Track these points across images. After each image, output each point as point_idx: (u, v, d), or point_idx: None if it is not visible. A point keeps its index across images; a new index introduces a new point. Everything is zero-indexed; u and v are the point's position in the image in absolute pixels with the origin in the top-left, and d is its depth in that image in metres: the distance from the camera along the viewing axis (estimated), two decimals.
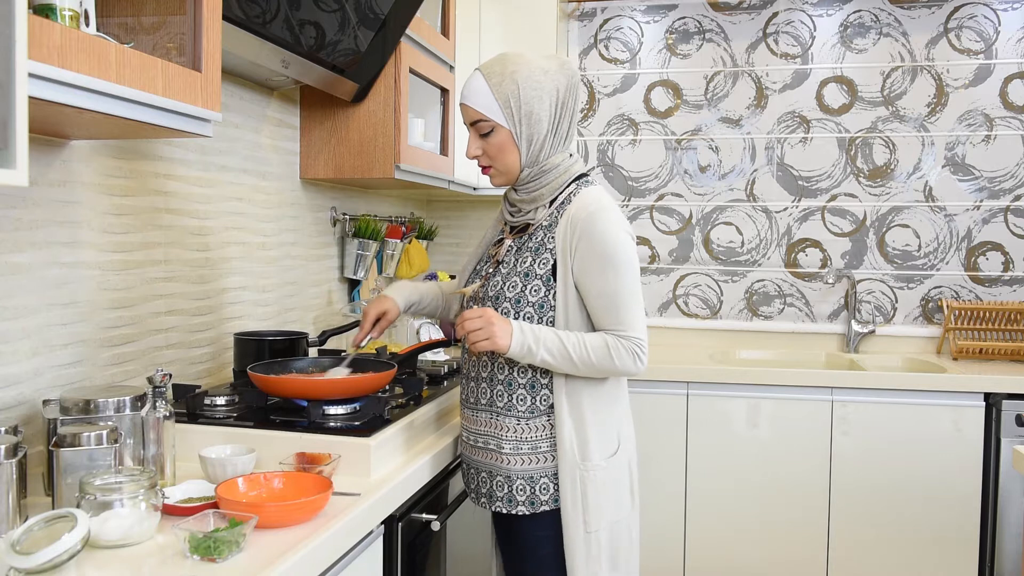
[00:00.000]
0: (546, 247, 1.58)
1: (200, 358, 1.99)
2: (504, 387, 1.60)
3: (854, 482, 2.82)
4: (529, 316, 1.56)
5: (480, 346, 1.50)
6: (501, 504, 1.61)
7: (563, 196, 1.61)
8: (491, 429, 1.62)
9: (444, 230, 3.64)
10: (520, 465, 1.59)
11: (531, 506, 1.59)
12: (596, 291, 1.53)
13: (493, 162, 1.61)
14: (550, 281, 1.56)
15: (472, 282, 1.69)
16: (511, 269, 1.60)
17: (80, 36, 1.08)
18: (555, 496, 1.59)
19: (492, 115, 1.56)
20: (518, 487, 1.59)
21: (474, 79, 1.59)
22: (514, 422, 1.59)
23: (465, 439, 1.70)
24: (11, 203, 1.42)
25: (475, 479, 1.67)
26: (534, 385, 1.59)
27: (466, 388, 1.69)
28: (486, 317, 1.50)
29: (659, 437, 2.92)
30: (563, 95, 1.58)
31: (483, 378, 1.64)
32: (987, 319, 3.19)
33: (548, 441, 1.59)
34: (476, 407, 1.65)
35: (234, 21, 1.60)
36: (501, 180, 1.64)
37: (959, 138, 3.26)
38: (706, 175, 3.47)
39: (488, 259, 1.70)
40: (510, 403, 1.60)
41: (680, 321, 3.49)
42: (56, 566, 1.03)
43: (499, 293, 1.59)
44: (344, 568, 1.31)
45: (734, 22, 3.42)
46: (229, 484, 1.31)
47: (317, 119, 2.41)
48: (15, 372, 1.43)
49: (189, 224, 1.93)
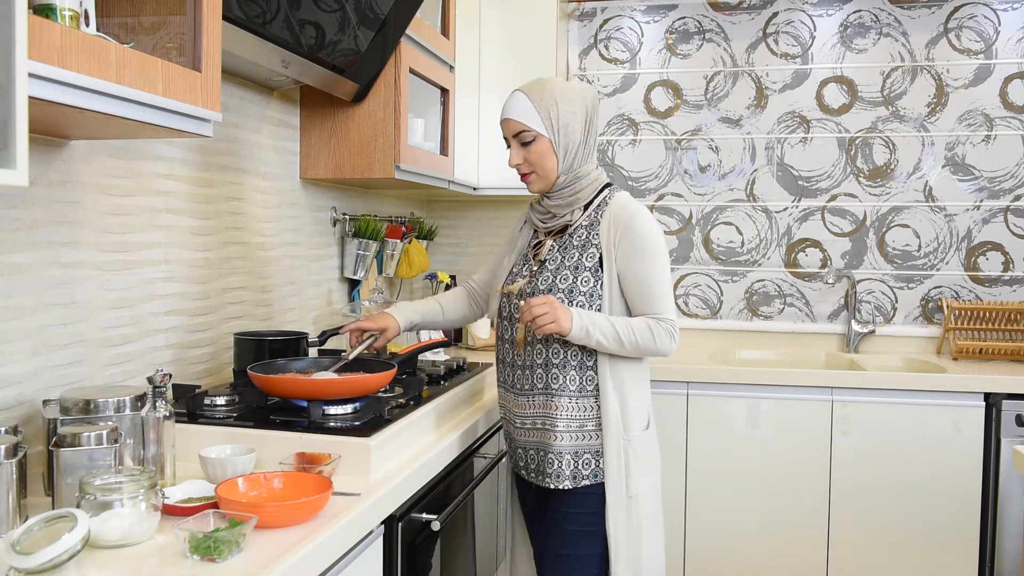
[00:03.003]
0: (591, 243, 1.78)
1: (200, 358, 1.99)
2: (559, 370, 1.77)
3: (854, 482, 2.82)
4: (581, 304, 1.74)
5: (547, 328, 1.66)
6: (550, 480, 1.77)
7: (599, 199, 1.83)
8: (546, 410, 1.78)
9: (444, 230, 3.64)
10: (570, 441, 1.76)
11: (574, 480, 1.76)
12: (635, 278, 1.74)
13: (535, 168, 1.80)
14: (598, 272, 1.76)
15: (513, 282, 1.87)
16: (559, 264, 1.79)
17: (80, 36, 1.08)
18: (595, 471, 1.77)
19: (535, 126, 1.77)
20: (565, 462, 1.76)
21: (515, 97, 1.80)
22: (567, 401, 1.76)
23: (519, 424, 1.83)
24: (11, 203, 1.42)
25: (524, 457, 1.84)
26: (582, 367, 1.77)
27: (518, 377, 1.83)
28: (551, 303, 1.67)
29: (659, 437, 2.91)
30: (590, 112, 1.81)
31: (538, 365, 1.79)
32: (987, 319, 3.19)
33: (594, 420, 1.77)
34: (532, 392, 1.80)
35: (234, 21, 1.60)
36: (539, 186, 1.82)
37: (959, 138, 3.26)
38: (706, 175, 3.47)
39: (527, 260, 1.88)
40: (564, 384, 1.77)
41: (680, 321, 3.49)
42: (56, 566, 1.03)
43: (552, 285, 1.77)
44: (344, 568, 1.31)
45: (734, 22, 3.42)
46: (229, 484, 1.31)
47: (317, 119, 2.41)
48: (15, 372, 1.43)
49: (189, 224, 1.93)
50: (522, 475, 1.88)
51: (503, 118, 1.81)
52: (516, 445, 1.87)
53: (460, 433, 1.85)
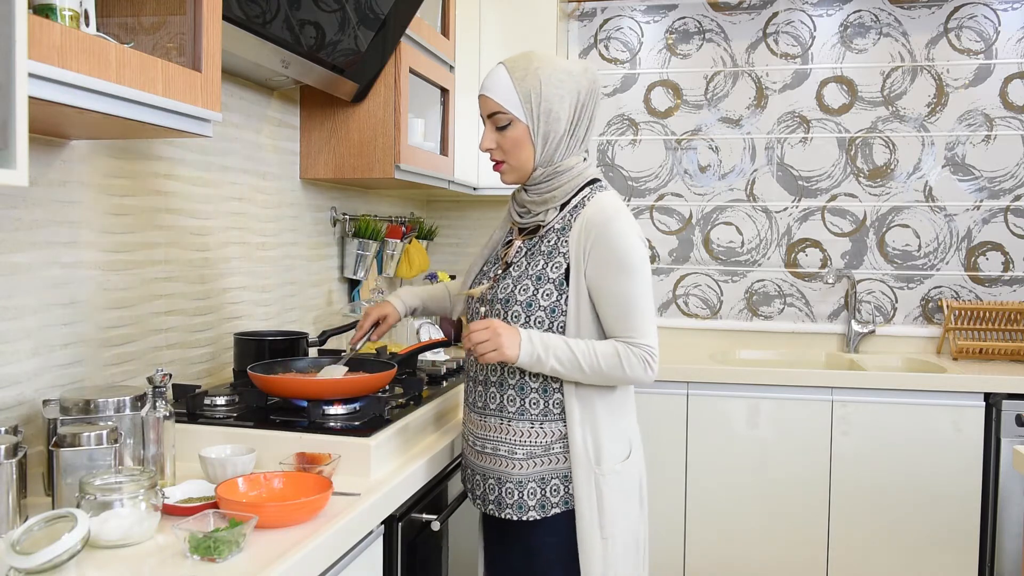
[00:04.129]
0: (559, 251, 1.54)
1: (200, 358, 1.99)
2: (516, 391, 1.56)
3: (854, 482, 2.82)
4: (540, 320, 1.52)
5: (488, 358, 1.46)
6: (511, 511, 1.55)
7: (576, 199, 1.58)
8: (501, 434, 1.57)
9: (444, 230, 3.64)
10: (532, 468, 1.54)
11: (542, 510, 1.54)
12: (609, 297, 1.50)
13: (507, 157, 1.58)
14: (563, 285, 1.52)
15: (479, 283, 1.65)
16: (522, 272, 1.56)
17: (80, 36, 1.08)
18: (566, 498, 1.54)
19: (511, 108, 1.54)
20: (529, 491, 1.54)
21: (497, 71, 1.56)
22: (527, 426, 1.55)
23: (471, 444, 1.64)
24: (11, 203, 1.42)
25: (481, 485, 1.61)
26: (546, 389, 1.55)
27: (472, 392, 1.64)
28: (492, 328, 1.46)
29: (659, 437, 2.92)
30: (583, 98, 1.56)
31: (492, 382, 1.58)
32: (987, 319, 3.19)
33: (561, 443, 1.54)
34: (484, 412, 1.60)
35: (234, 21, 1.60)
36: (512, 177, 1.60)
37: (959, 138, 3.26)
38: (706, 175, 3.47)
39: (497, 260, 1.66)
40: (522, 407, 1.55)
41: (680, 321, 3.49)
42: (56, 566, 1.03)
43: (509, 296, 1.55)
44: (344, 568, 1.31)
45: (734, 22, 3.42)
46: (229, 484, 1.31)
47: (317, 119, 2.41)
48: (15, 372, 1.43)
49: (189, 224, 1.93)
50: (478, 506, 1.64)
51: (480, 93, 1.58)
52: (471, 469, 1.64)
53: (460, 433, 1.85)
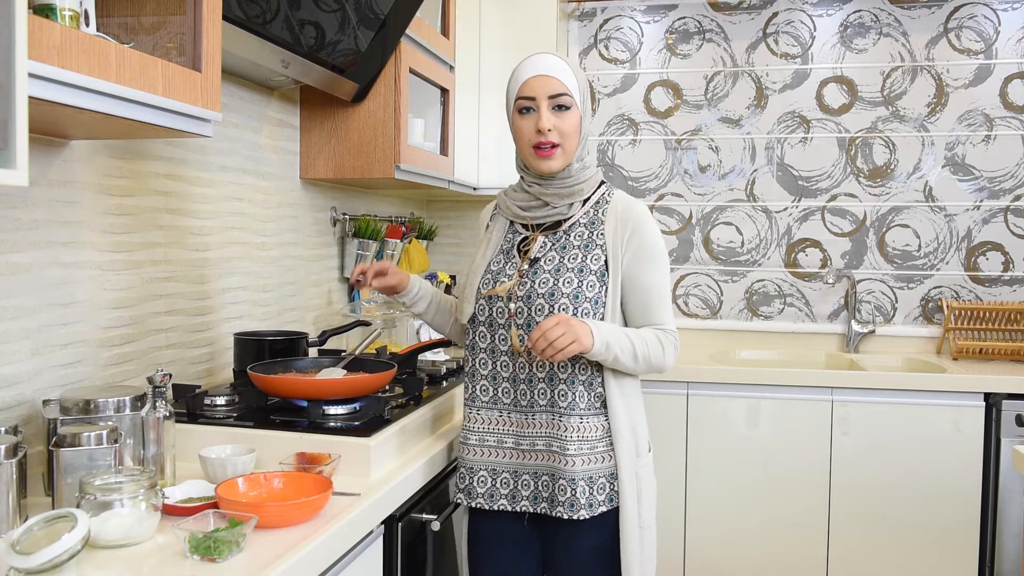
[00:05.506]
0: (596, 243, 1.59)
1: (200, 358, 1.99)
2: (567, 386, 1.56)
3: (854, 482, 2.82)
4: (586, 311, 1.54)
5: (569, 350, 1.44)
6: (563, 509, 1.53)
7: (598, 195, 1.64)
8: (553, 430, 1.56)
9: (444, 230, 3.64)
10: (583, 465, 1.54)
11: (590, 509, 1.54)
12: (643, 286, 1.57)
13: (564, 140, 1.56)
14: (604, 276, 1.56)
15: (499, 282, 1.61)
16: (558, 265, 1.57)
17: (80, 36, 1.08)
18: (610, 496, 1.56)
19: (574, 94, 1.56)
20: (580, 489, 1.53)
21: (548, 58, 1.56)
22: (577, 420, 1.55)
23: (513, 445, 1.61)
24: (11, 203, 1.42)
25: (531, 483, 1.59)
26: (591, 383, 1.57)
27: (512, 391, 1.61)
28: (565, 321, 1.46)
29: (659, 437, 2.92)
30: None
31: (539, 379, 1.58)
32: (987, 319, 3.19)
33: (605, 440, 1.56)
34: (531, 409, 1.59)
35: (234, 21, 1.60)
36: (560, 163, 1.58)
37: (959, 138, 3.26)
38: (706, 175, 3.47)
39: (507, 259, 1.64)
40: (573, 402, 1.55)
41: (680, 321, 3.49)
42: (56, 566, 1.03)
43: (553, 289, 1.55)
44: (344, 568, 1.31)
45: (734, 22, 3.42)
46: (229, 484, 1.31)
47: (317, 119, 2.41)
48: (15, 372, 1.43)
49: (189, 224, 1.93)
50: (523, 508, 1.60)
51: (536, 74, 1.53)
52: (515, 469, 1.61)
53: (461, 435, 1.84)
